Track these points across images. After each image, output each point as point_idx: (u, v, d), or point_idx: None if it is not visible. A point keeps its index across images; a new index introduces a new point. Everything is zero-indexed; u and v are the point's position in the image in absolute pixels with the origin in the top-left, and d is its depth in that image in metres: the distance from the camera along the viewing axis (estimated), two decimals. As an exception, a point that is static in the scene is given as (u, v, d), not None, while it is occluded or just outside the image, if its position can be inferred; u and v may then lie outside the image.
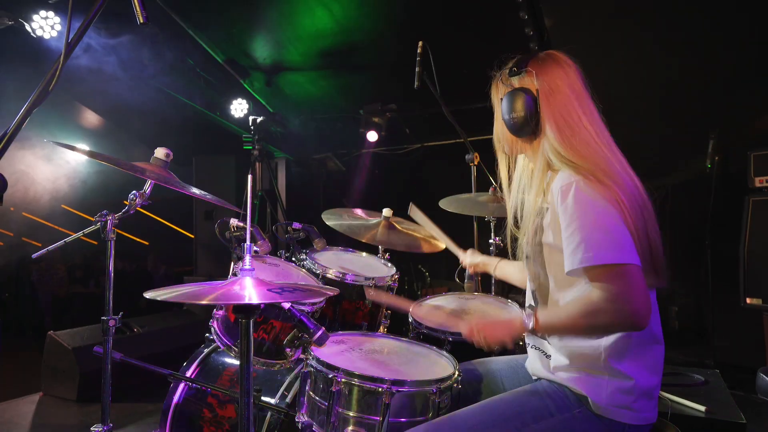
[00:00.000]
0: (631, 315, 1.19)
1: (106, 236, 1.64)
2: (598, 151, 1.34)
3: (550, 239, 1.37)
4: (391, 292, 2.24)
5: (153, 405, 3.56)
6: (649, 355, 1.34)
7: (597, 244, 1.21)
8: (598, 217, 1.23)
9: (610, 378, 1.31)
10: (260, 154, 4.66)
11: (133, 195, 1.65)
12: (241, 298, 1.20)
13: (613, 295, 1.19)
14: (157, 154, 1.67)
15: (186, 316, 4.72)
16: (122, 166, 1.52)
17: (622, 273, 1.20)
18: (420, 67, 2.78)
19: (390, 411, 1.45)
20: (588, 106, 1.40)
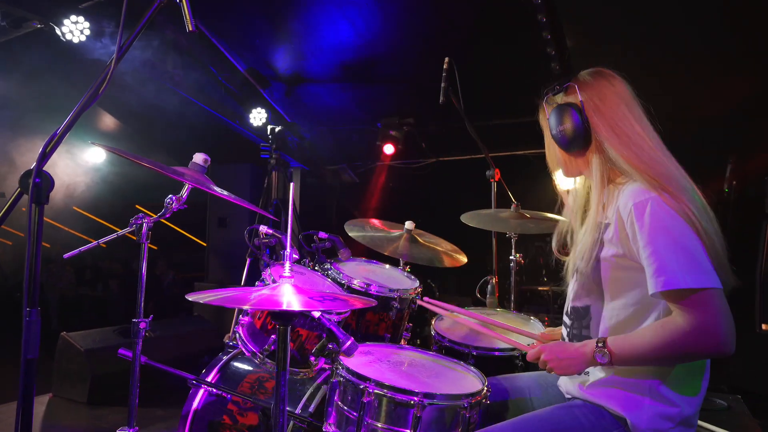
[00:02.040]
0: (720, 343, 1.16)
1: (141, 239, 1.65)
2: (655, 156, 1.33)
3: (610, 254, 1.34)
4: (413, 305, 2.24)
5: (163, 410, 3.55)
6: (695, 382, 1.32)
7: (680, 266, 1.18)
8: (678, 237, 1.21)
9: (652, 401, 1.30)
10: (277, 163, 4.68)
11: (170, 199, 1.66)
12: (281, 305, 1.21)
13: (700, 323, 1.16)
14: (196, 159, 1.69)
15: (197, 322, 4.73)
16: (163, 170, 1.54)
17: (708, 298, 1.17)
18: (446, 83, 2.81)
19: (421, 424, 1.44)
20: (638, 113, 1.40)
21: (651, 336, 1.24)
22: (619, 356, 1.26)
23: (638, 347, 1.25)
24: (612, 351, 1.27)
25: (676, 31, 3.49)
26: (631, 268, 1.30)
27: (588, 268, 1.38)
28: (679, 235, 1.21)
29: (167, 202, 1.66)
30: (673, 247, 1.20)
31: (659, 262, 1.20)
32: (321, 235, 2.24)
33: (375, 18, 3.96)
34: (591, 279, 1.39)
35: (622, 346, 1.27)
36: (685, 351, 1.20)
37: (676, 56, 3.54)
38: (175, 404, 3.58)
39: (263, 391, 2.09)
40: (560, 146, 1.46)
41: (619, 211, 1.31)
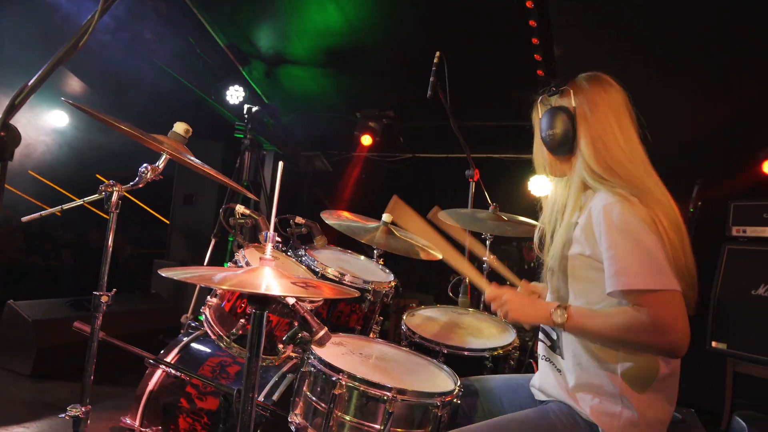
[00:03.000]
0: (675, 342, 1.19)
1: (110, 208, 1.55)
2: (633, 171, 1.36)
3: (576, 253, 1.37)
4: (387, 298, 2.21)
5: (112, 388, 3.40)
6: (666, 386, 1.34)
7: (641, 268, 1.22)
8: (642, 241, 1.24)
9: (623, 409, 1.31)
10: (251, 144, 4.56)
11: (144, 168, 1.57)
12: (261, 288, 1.16)
13: (657, 319, 1.20)
14: (177, 129, 1.60)
15: (154, 300, 4.57)
16: (140, 137, 1.44)
17: (666, 299, 1.20)
18: (435, 77, 2.78)
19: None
20: (626, 126, 1.41)
21: (611, 315, 1.29)
22: (575, 322, 1.32)
23: (596, 320, 1.31)
24: (570, 314, 1.32)
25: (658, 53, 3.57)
26: (596, 269, 1.33)
27: (558, 266, 1.42)
28: (642, 239, 1.25)
29: (141, 171, 1.57)
30: (635, 250, 1.24)
31: (621, 263, 1.24)
32: (298, 220, 2.18)
33: (365, 6, 3.89)
34: (560, 277, 1.43)
35: (581, 313, 1.33)
36: (638, 340, 1.24)
37: (659, 76, 3.62)
38: (126, 383, 3.45)
39: (225, 376, 2.02)
40: (547, 148, 1.48)
41: (591, 212, 1.35)
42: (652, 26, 3.47)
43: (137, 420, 2.03)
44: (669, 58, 3.59)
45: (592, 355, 1.36)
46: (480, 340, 2.14)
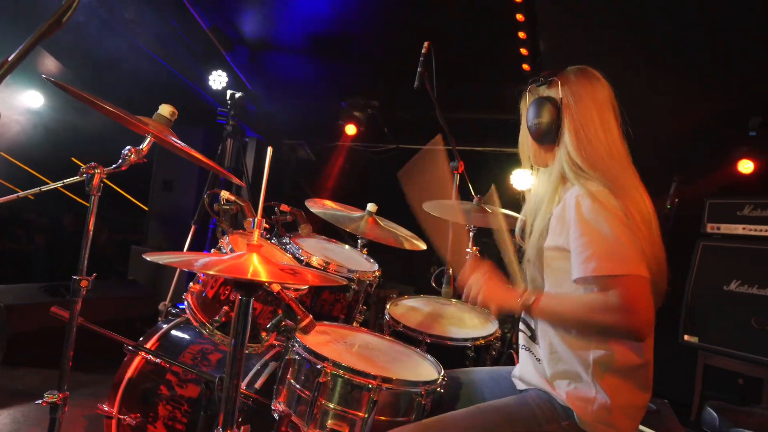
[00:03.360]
0: (637, 324, 1.23)
1: (91, 191, 1.51)
2: (610, 165, 1.39)
3: (551, 244, 1.40)
4: (370, 288, 2.21)
5: (88, 376, 3.35)
6: (638, 374, 1.37)
7: (609, 254, 1.25)
8: (611, 228, 1.27)
9: (597, 393, 1.34)
10: (233, 130, 4.49)
11: (128, 150, 1.53)
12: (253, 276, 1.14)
13: (623, 302, 1.22)
14: (162, 111, 1.56)
15: (131, 287, 4.49)
16: (125, 118, 1.41)
17: (632, 283, 1.23)
18: (422, 67, 2.76)
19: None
20: (607, 120, 1.44)
21: (578, 299, 1.34)
22: (543, 304, 1.36)
23: (563, 301, 1.36)
24: (539, 296, 1.36)
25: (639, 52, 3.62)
26: (567, 259, 1.36)
27: (534, 256, 1.45)
28: (611, 227, 1.28)
29: (125, 153, 1.53)
30: (603, 238, 1.27)
31: (589, 251, 1.27)
32: (283, 207, 2.16)
33: (354, -8, 3.86)
34: (536, 267, 1.45)
35: (549, 295, 1.38)
36: (603, 321, 1.27)
37: (640, 75, 3.67)
38: (102, 370, 3.40)
39: (206, 364, 2.00)
40: (532, 137, 1.51)
41: (565, 203, 1.38)
42: (634, 25, 3.51)
43: (115, 407, 1.99)
44: (649, 57, 3.64)
45: (567, 343, 1.38)
46: (462, 330, 2.15)
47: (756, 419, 2.06)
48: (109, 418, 2.02)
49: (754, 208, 3.79)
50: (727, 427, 2.08)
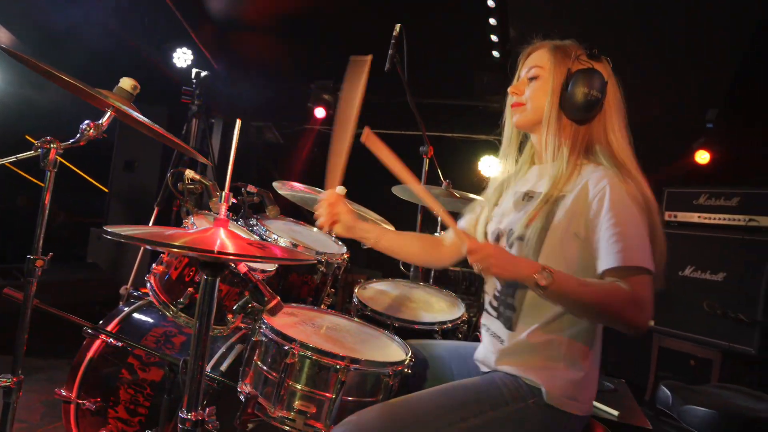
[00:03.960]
0: (643, 320, 1.24)
1: (47, 166, 1.44)
2: (629, 155, 1.41)
3: (560, 226, 1.37)
4: (338, 271, 2.20)
5: (44, 360, 3.25)
6: (596, 349, 1.42)
7: (641, 247, 1.26)
8: (640, 223, 1.29)
9: (565, 369, 1.37)
10: (199, 110, 4.37)
11: (86, 125, 1.46)
12: (215, 248, 1.11)
13: (639, 296, 1.24)
14: (123, 85, 1.50)
15: (90, 269, 4.35)
16: (84, 90, 1.34)
17: (648, 280, 1.26)
18: (393, 50, 2.74)
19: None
20: (623, 112, 1.47)
21: (596, 284, 1.29)
22: (559, 285, 1.25)
23: (580, 286, 1.28)
24: (556, 278, 1.24)
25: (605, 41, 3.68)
26: (574, 242, 1.36)
27: (533, 236, 1.39)
28: (641, 224, 1.30)
29: (83, 127, 1.46)
30: (636, 231, 1.28)
31: (624, 241, 1.26)
32: (250, 188, 2.12)
33: (323, -28, 3.79)
34: (532, 248, 1.40)
35: (566, 277, 1.28)
36: (616, 311, 1.26)
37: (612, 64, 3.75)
38: (59, 355, 3.30)
39: (170, 347, 1.96)
40: (568, 106, 1.42)
41: (588, 186, 1.35)
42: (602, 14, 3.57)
43: (74, 391, 1.94)
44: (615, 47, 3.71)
45: (543, 324, 1.40)
46: (430, 314, 2.17)
47: (704, 397, 2.17)
48: (68, 403, 1.96)
49: (709, 197, 3.95)
50: (679, 405, 2.18)
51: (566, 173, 1.41)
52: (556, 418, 1.36)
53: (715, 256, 3.81)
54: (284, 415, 1.42)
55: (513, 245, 1.45)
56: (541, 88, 1.47)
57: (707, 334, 3.74)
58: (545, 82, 1.46)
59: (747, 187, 3.79)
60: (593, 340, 1.42)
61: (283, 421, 1.42)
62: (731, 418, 2.04)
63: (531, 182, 1.55)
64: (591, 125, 1.43)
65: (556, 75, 1.44)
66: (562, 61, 1.45)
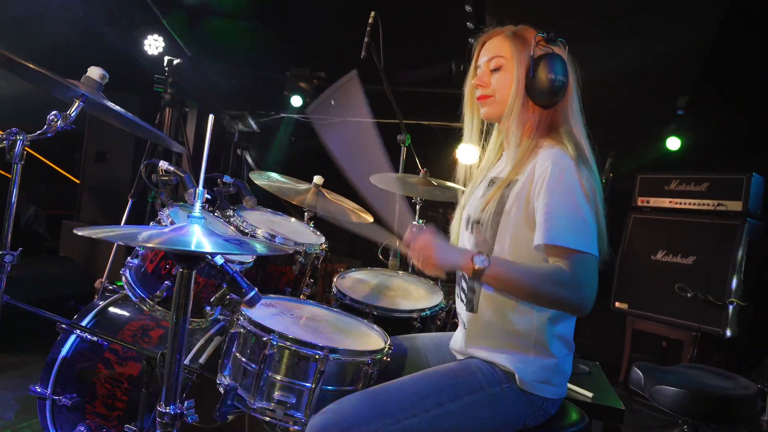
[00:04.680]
0: (585, 299, 1.25)
1: (12, 158, 1.40)
2: (582, 138, 1.42)
3: (511, 210, 1.39)
4: (317, 261, 2.20)
5: (17, 356, 3.18)
6: (567, 333, 1.45)
7: (576, 228, 1.27)
8: (581, 204, 1.29)
9: (536, 356, 1.40)
10: (172, 99, 4.28)
11: (54, 116, 1.42)
12: (191, 245, 1.10)
13: (576, 276, 1.25)
14: (91, 74, 1.45)
15: (63, 263, 4.26)
16: (53, 78, 1.30)
17: (588, 261, 1.27)
18: (368, 37, 2.73)
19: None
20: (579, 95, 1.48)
21: (533, 266, 1.33)
22: (495, 269, 1.26)
23: (516, 268, 1.30)
24: (493, 261, 1.27)
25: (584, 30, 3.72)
26: (526, 226, 1.37)
27: (487, 220, 1.42)
28: (581, 204, 1.29)
29: (50, 118, 1.42)
30: (572, 211, 1.28)
31: (556, 219, 1.28)
32: (226, 179, 2.09)
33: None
34: (487, 232, 1.42)
35: (502, 261, 1.32)
36: (554, 293, 1.26)
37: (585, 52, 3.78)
38: (31, 351, 3.24)
39: (147, 340, 1.94)
40: (534, 90, 1.42)
41: (535, 169, 1.37)
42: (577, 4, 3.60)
43: (49, 388, 1.90)
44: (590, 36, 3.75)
45: (510, 309, 1.42)
46: (409, 301, 2.19)
47: (674, 377, 2.23)
48: (43, 399, 1.93)
49: (680, 183, 4.04)
50: (651, 385, 2.24)
51: (525, 156, 1.42)
52: (530, 402, 1.40)
53: (686, 240, 3.92)
54: (264, 405, 1.42)
55: (472, 229, 1.48)
56: (506, 78, 1.46)
57: (678, 316, 3.85)
58: (509, 71, 1.45)
59: (716, 172, 3.90)
60: (564, 323, 1.43)
61: (263, 412, 1.42)
62: (700, 397, 2.11)
63: (499, 168, 1.59)
64: (555, 108, 1.44)
65: (520, 63, 1.43)
66: (523, 48, 1.43)
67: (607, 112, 4.32)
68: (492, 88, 1.49)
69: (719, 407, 2.07)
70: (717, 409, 2.07)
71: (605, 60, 3.76)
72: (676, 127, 4.42)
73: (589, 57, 1.57)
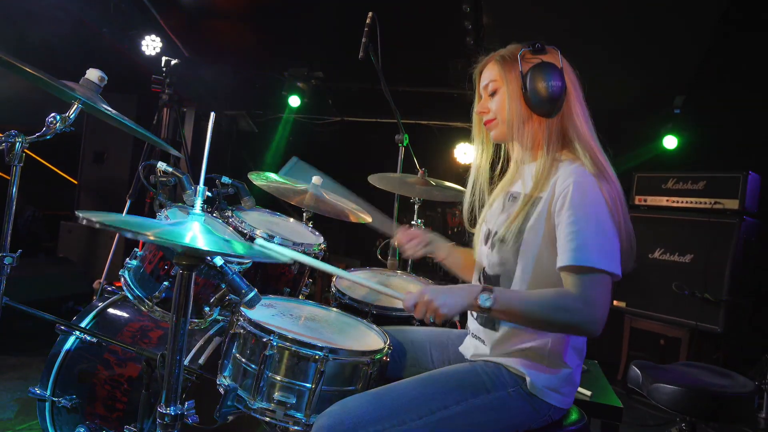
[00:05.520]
0: (596, 322, 1.24)
1: (11, 160, 1.41)
2: (595, 145, 1.40)
3: (535, 229, 1.37)
4: (316, 261, 2.20)
5: (16, 358, 3.18)
6: (582, 343, 1.45)
7: (598, 247, 1.24)
8: (603, 220, 1.27)
9: (549, 364, 1.40)
10: (169, 99, 4.28)
11: (53, 118, 1.42)
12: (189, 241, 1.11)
13: (589, 299, 1.24)
14: (90, 76, 1.46)
15: (62, 264, 4.25)
16: (49, 82, 1.30)
17: (605, 281, 1.25)
18: (367, 38, 2.73)
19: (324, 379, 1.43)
20: (583, 101, 1.46)
21: (542, 296, 1.30)
22: (501, 304, 1.27)
23: (524, 301, 1.30)
24: (497, 297, 1.27)
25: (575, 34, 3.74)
26: (549, 244, 1.35)
27: (511, 238, 1.40)
28: (604, 221, 1.28)
29: (49, 120, 1.43)
30: (595, 229, 1.26)
31: (581, 239, 1.26)
32: (224, 179, 2.10)
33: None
34: (510, 250, 1.42)
35: (507, 294, 1.32)
36: (568, 319, 1.26)
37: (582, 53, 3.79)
38: (30, 352, 3.24)
39: (146, 341, 1.94)
40: (532, 103, 1.40)
41: (556, 186, 1.35)
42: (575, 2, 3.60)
43: (48, 389, 1.91)
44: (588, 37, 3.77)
45: None
46: (407, 300, 2.19)
47: (672, 375, 2.24)
48: (43, 401, 1.93)
49: (676, 182, 4.06)
50: (649, 383, 2.25)
51: (545, 172, 1.40)
52: (536, 407, 1.39)
53: (683, 238, 3.93)
54: (264, 406, 1.43)
55: (495, 246, 1.47)
56: (502, 99, 1.48)
57: (676, 314, 3.87)
58: (504, 92, 1.46)
59: (712, 171, 3.92)
60: (579, 339, 1.43)
61: (264, 412, 1.43)
62: (698, 395, 2.12)
63: (517, 183, 1.57)
64: (561, 115, 1.42)
65: (510, 82, 1.44)
66: (512, 67, 1.44)
67: (603, 111, 4.36)
68: (493, 112, 1.51)
69: (717, 405, 2.08)
70: (715, 407, 2.08)
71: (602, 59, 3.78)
72: (673, 126, 4.43)
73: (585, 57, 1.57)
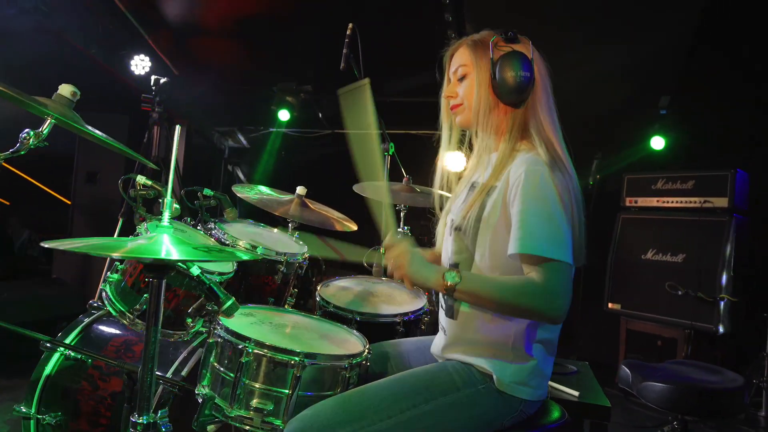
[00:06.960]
0: (557, 309, 1.25)
1: (-13, 177, 1.42)
2: (555, 139, 1.40)
3: (490, 217, 1.38)
4: (300, 270, 2.21)
5: (7, 380, 3.17)
6: (550, 337, 1.44)
7: (548, 236, 1.26)
8: (554, 210, 1.27)
9: (514, 359, 1.39)
10: (160, 117, 4.31)
11: (26, 134, 1.44)
12: (157, 254, 1.12)
13: (549, 287, 1.25)
14: (62, 92, 1.47)
15: (56, 285, 4.26)
16: (19, 99, 1.32)
17: (562, 269, 1.26)
18: (347, 49, 2.76)
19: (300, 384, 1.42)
20: (550, 93, 1.47)
21: (502, 282, 1.33)
22: (466, 285, 1.30)
23: (487, 283, 1.33)
24: (464, 277, 1.30)
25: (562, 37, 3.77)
26: (505, 233, 1.36)
27: (468, 227, 1.42)
28: (555, 211, 1.28)
29: (22, 136, 1.44)
30: (545, 219, 1.28)
31: (530, 228, 1.28)
32: (206, 192, 2.11)
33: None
34: (468, 238, 1.43)
35: (473, 276, 1.34)
36: (528, 305, 1.28)
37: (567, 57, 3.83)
38: (22, 373, 3.21)
39: (131, 355, 1.94)
40: (499, 91, 1.42)
41: (510, 175, 1.36)
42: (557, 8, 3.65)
43: (33, 407, 1.90)
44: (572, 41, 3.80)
45: (488, 316, 1.41)
46: (392, 306, 2.19)
47: (661, 373, 2.24)
48: (28, 419, 1.92)
49: (666, 182, 4.07)
50: (639, 382, 2.24)
51: (503, 161, 1.41)
52: (507, 403, 1.39)
53: (675, 238, 3.93)
54: (242, 414, 1.42)
55: (452, 235, 1.49)
56: (471, 85, 1.48)
57: (671, 315, 3.85)
58: (473, 78, 1.47)
59: (700, 170, 3.93)
60: (545, 327, 1.42)
61: (242, 420, 1.42)
62: (686, 391, 2.11)
63: (478, 172, 1.59)
64: (526, 106, 1.43)
65: (481, 68, 1.45)
66: (483, 53, 1.44)
67: (591, 114, 4.37)
68: (460, 96, 1.52)
69: (706, 401, 2.07)
70: (703, 403, 2.07)
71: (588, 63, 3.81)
72: (660, 127, 4.45)
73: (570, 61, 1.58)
